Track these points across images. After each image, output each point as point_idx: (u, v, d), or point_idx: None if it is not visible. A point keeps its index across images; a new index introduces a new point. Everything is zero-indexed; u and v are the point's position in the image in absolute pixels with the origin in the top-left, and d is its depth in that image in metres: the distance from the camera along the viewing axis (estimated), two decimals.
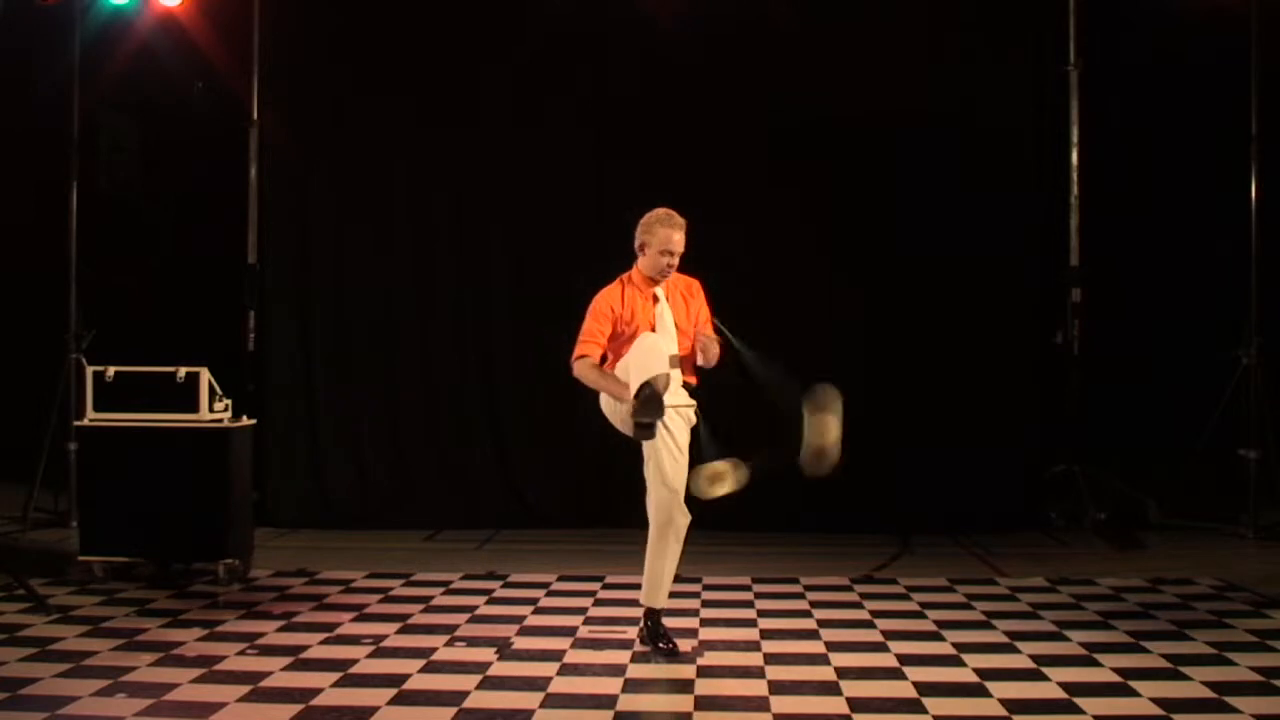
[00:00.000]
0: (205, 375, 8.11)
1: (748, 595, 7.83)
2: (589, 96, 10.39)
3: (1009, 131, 10.13)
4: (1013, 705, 5.58)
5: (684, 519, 6.43)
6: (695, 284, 6.74)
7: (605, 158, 10.28)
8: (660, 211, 6.56)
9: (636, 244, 6.58)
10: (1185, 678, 5.98)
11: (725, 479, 6.48)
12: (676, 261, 6.55)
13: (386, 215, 10.52)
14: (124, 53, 10.44)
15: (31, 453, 9.77)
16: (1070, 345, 10.23)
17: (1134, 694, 5.73)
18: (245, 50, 10.51)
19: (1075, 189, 10.26)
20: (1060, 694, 5.74)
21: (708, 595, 7.82)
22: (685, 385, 6.57)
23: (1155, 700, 5.62)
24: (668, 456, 6.39)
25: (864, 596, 7.78)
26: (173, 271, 11.13)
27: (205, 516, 8.05)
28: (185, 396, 8.09)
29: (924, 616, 7.24)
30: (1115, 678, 5.99)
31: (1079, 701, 5.61)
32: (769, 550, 9.23)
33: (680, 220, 6.52)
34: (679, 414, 6.47)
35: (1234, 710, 5.49)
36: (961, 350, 10.03)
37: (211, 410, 8.11)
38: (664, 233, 6.47)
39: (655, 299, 6.56)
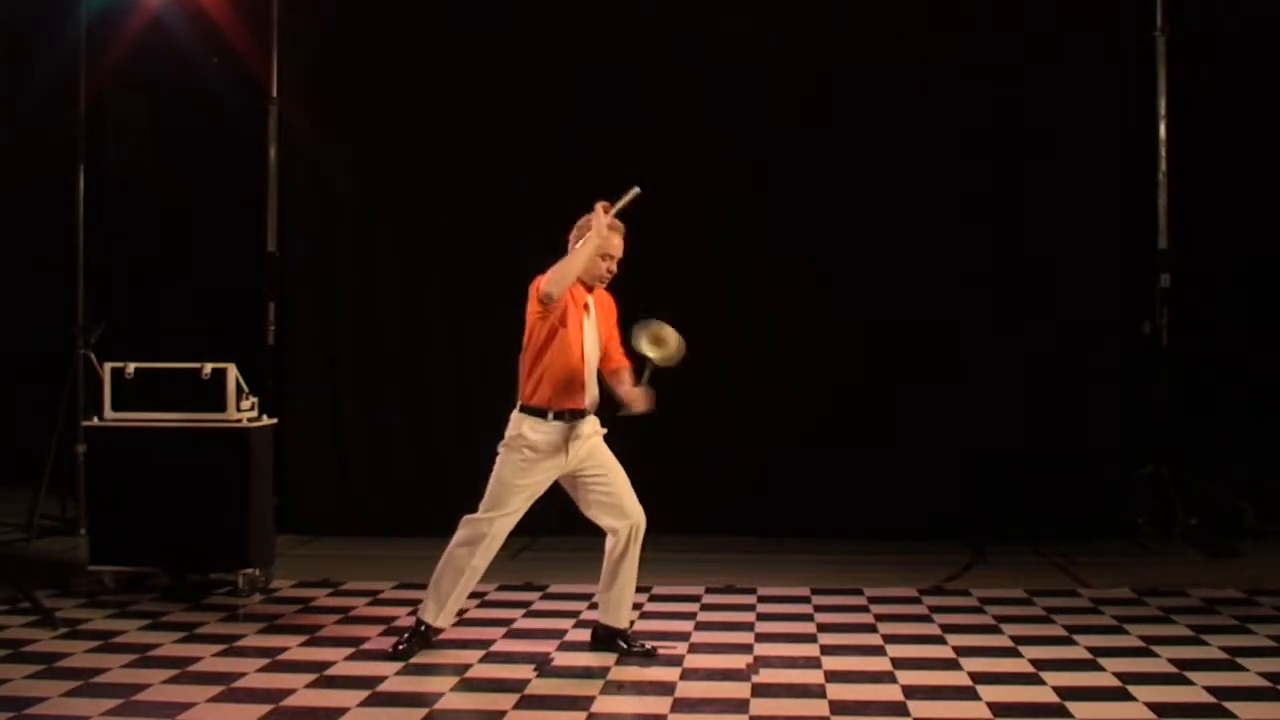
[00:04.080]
0: (233, 372, 8.11)
1: (807, 608, 7.82)
2: (629, 86, 10.32)
3: (1089, 103, 10.01)
4: None
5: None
6: (613, 302, 6.88)
7: (656, 144, 10.19)
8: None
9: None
10: None
11: (665, 343, 6.63)
12: (615, 267, 6.67)
13: (417, 199, 10.45)
14: (133, 27, 10.50)
15: (37, 455, 9.86)
16: (1159, 336, 10.11)
17: (1229, 715, 5.70)
18: (264, 22, 10.50)
19: (1163, 165, 10.13)
20: (1148, 714, 5.72)
21: (763, 608, 7.81)
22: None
23: None
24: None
25: (934, 609, 7.76)
26: (185, 259, 11.19)
27: (223, 523, 8.07)
28: (201, 394, 8.10)
29: (999, 631, 7.22)
30: (1208, 698, 5.95)
31: None
32: (830, 558, 9.23)
33: (621, 225, 6.61)
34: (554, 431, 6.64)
35: None
36: (1040, 342, 9.96)
37: (239, 409, 8.13)
38: (606, 235, 6.53)
39: (587, 307, 6.67)
